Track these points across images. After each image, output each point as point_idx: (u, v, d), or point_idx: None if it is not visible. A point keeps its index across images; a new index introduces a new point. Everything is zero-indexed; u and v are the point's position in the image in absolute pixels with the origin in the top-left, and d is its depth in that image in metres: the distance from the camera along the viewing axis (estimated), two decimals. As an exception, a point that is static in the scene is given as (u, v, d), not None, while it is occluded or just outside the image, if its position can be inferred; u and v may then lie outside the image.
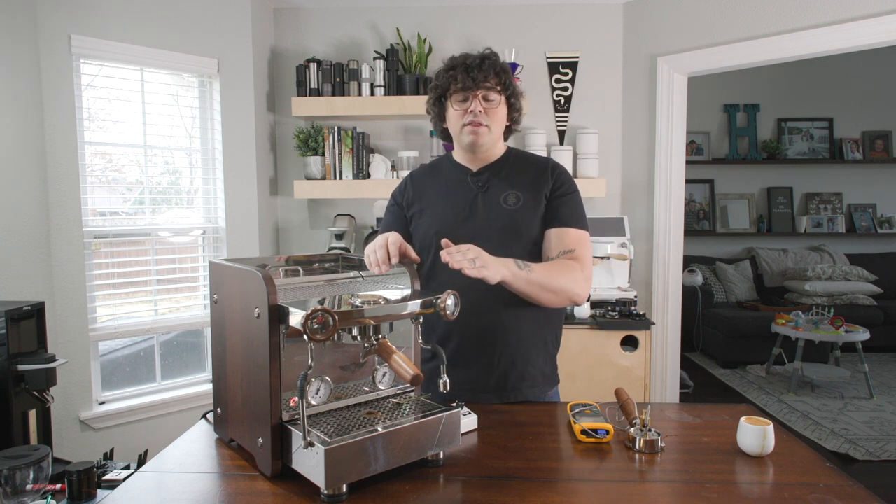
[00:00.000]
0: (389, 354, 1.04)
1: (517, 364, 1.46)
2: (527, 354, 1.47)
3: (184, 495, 0.96)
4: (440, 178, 1.57)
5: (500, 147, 1.56)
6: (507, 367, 1.45)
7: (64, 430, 2.51)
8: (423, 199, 1.55)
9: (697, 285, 4.98)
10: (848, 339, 4.06)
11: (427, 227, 1.50)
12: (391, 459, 0.98)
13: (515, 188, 1.48)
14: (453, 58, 1.50)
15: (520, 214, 1.46)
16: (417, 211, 1.54)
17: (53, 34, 2.41)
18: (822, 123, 5.70)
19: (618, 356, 2.81)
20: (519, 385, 1.47)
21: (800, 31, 2.73)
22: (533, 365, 1.48)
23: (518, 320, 1.45)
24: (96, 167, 2.69)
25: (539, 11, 3.29)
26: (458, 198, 1.51)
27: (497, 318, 1.44)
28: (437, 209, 1.51)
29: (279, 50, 3.34)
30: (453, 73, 1.46)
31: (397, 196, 1.60)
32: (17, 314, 1.92)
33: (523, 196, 1.47)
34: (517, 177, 1.50)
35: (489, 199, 1.48)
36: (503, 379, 1.45)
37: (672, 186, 3.18)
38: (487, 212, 1.47)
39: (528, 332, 1.47)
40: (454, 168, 1.56)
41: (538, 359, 1.49)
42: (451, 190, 1.53)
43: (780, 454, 1.10)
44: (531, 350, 1.48)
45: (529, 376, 1.47)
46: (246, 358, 1.05)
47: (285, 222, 3.44)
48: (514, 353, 1.46)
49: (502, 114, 1.50)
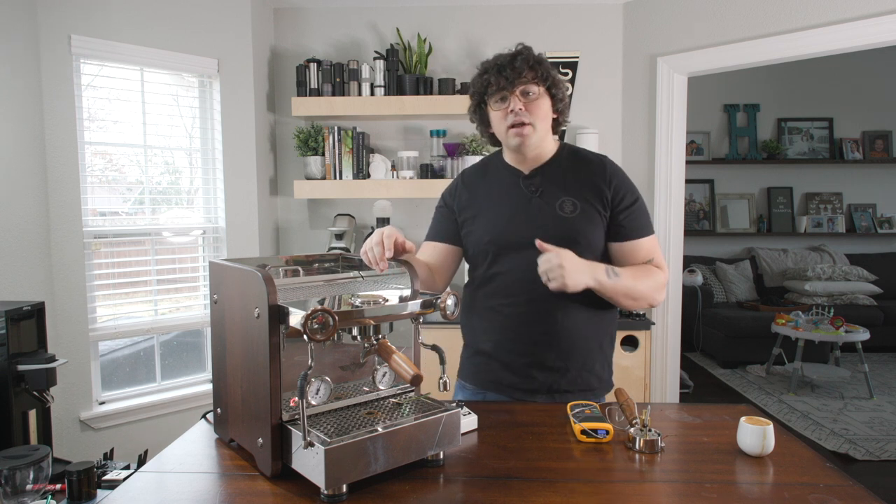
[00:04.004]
0: (389, 354, 1.04)
1: (571, 369, 1.44)
2: (583, 359, 1.45)
3: (184, 495, 0.96)
4: (491, 181, 1.52)
5: (549, 144, 1.48)
6: (562, 370, 1.44)
7: (64, 430, 2.51)
8: (475, 204, 1.50)
9: (697, 285, 4.98)
10: (848, 339, 4.06)
11: (480, 234, 1.46)
12: (391, 459, 0.98)
13: (570, 194, 1.42)
14: (486, 61, 1.46)
15: (578, 223, 1.41)
16: (469, 216, 1.50)
17: (53, 34, 2.41)
18: (822, 123, 5.71)
19: (618, 356, 2.81)
20: (571, 389, 1.45)
21: (800, 31, 2.73)
22: (589, 370, 1.47)
23: (575, 322, 1.43)
24: (96, 167, 2.69)
25: (539, 11, 3.29)
26: (511, 203, 1.45)
27: (554, 320, 1.41)
28: (490, 215, 1.47)
29: (279, 50, 3.34)
30: (487, 77, 1.42)
31: (447, 197, 1.56)
32: (17, 314, 1.92)
33: (580, 204, 1.41)
34: (572, 180, 1.44)
35: (544, 206, 1.42)
36: (557, 382, 1.45)
37: (672, 186, 3.18)
38: (542, 219, 1.42)
39: (584, 334, 1.44)
40: (505, 170, 1.51)
41: (594, 364, 1.48)
42: (503, 194, 1.47)
43: (780, 454, 1.10)
44: (587, 354, 1.46)
45: (583, 381, 1.46)
46: (246, 358, 1.05)
47: (285, 222, 3.44)
48: (567, 357, 1.44)
49: (545, 107, 1.42)
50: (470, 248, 1.51)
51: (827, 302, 5.05)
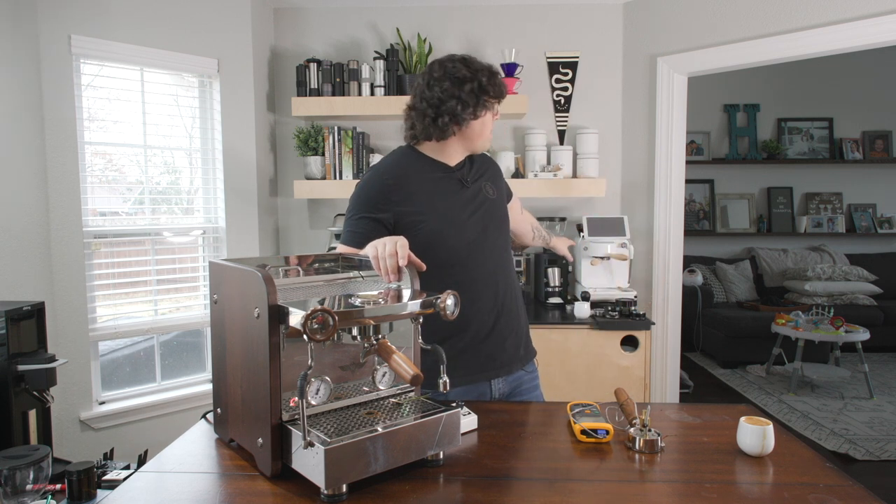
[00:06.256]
0: (389, 354, 1.04)
1: (523, 332, 1.64)
2: (525, 319, 1.67)
3: (184, 495, 0.96)
4: (422, 177, 1.52)
5: None
6: (523, 336, 1.63)
7: (64, 430, 2.51)
8: (415, 202, 1.48)
9: (697, 285, 4.98)
10: (848, 339, 4.05)
11: (433, 229, 1.47)
12: (391, 459, 0.98)
13: (485, 179, 1.62)
14: (473, 64, 1.51)
15: (500, 202, 1.63)
16: (413, 216, 1.46)
17: (53, 34, 2.41)
18: (822, 123, 5.70)
19: (618, 356, 2.81)
20: (528, 348, 1.65)
21: (800, 31, 2.73)
22: (528, 330, 1.69)
23: (516, 291, 1.63)
24: (96, 167, 2.69)
25: (539, 11, 3.29)
26: (452, 195, 1.53)
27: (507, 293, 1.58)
28: (438, 210, 1.49)
29: (279, 50, 3.34)
30: (485, 82, 1.49)
31: (372, 209, 1.46)
32: (17, 314, 1.92)
33: (493, 185, 1.63)
34: (479, 168, 1.62)
35: (475, 193, 1.57)
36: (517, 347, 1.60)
37: (672, 186, 3.17)
38: (480, 205, 1.55)
39: (519, 299, 1.66)
40: (430, 165, 1.54)
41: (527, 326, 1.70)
42: (440, 188, 1.52)
43: (780, 454, 1.10)
44: (524, 315, 1.67)
45: (530, 340, 1.67)
46: (246, 358, 1.05)
47: (285, 222, 3.44)
48: (520, 322, 1.63)
49: None
50: (420, 244, 1.38)
51: (827, 302, 5.05)
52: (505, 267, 1.58)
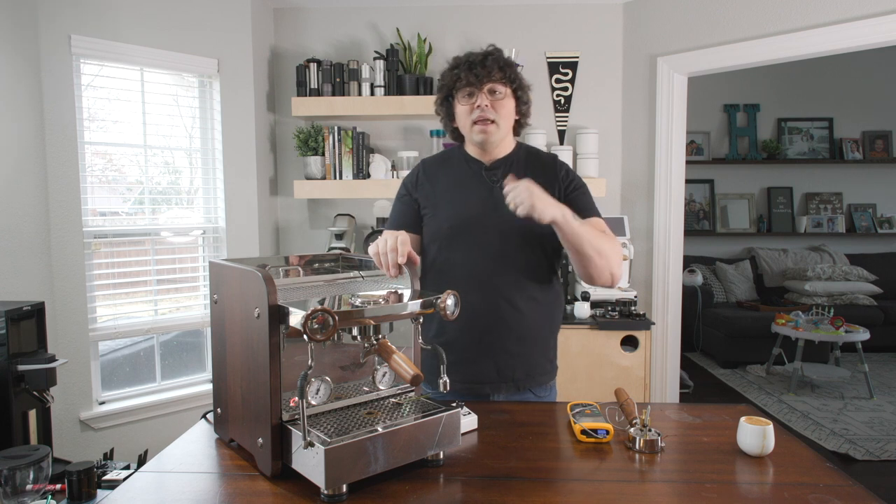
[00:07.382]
0: (389, 354, 1.04)
1: (524, 354, 1.49)
2: (534, 345, 1.50)
3: (184, 495, 0.96)
4: (453, 170, 1.56)
5: (509, 142, 1.56)
6: (517, 356, 1.48)
7: (64, 430, 2.51)
8: (437, 191, 1.53)
9: (697, 285, 4.98)
10: (848, 339, 4.06)
11: (441, 221, 1.49)
12: (391, 459, 0.98)
13: None
14: (457, 57, 1.51)
15: None
16: (430, 203, 1.52)
17: (53, 34, 2.41)
18: (822, 123, 5.71)
19: (618, 356, 2.81)
20: (532, 373, 1.50)
21: (800, 31, 2.73)
22: (542, 355, 1.53)
23: (522, 311, 1.47)
24: (96, 167, 2.69)
25: (539, 11, 3.29)
26: (473, 192, 1.50)
27: (503, 309, 1.46)
28: (453, 203, 1.50)
29: (279, 50, 3.34)
30: (457, 72, 1.47)
31: (409, 186, 1.57)
32: (17, 314, 1.92)
33: None
34: (529, 173, 1.47)
35: (504, 195, 1.46)
36: (513, 369, 1.48)
37: (672, 186, 3.17)
38: (505, 208, 1.42)
39: (535, 317, 1.49)
40: (467, 161, 1.55)
41: (547, 349, 1.55)
42: (464, 183, 1.52)
43: (780, 454, 1.10)
44: (538, 340, 1.51)
45: (539, 366, 1.52)
46: (246, 358, 1.05)
47: (285, 222, 3.44)
48: (520, 344, 1.48)
49: (510, 107, 1.50)
50: (427, 234, 1.52)
51: (827, 302, 5.05)
52: (512, 283, 1.43)
